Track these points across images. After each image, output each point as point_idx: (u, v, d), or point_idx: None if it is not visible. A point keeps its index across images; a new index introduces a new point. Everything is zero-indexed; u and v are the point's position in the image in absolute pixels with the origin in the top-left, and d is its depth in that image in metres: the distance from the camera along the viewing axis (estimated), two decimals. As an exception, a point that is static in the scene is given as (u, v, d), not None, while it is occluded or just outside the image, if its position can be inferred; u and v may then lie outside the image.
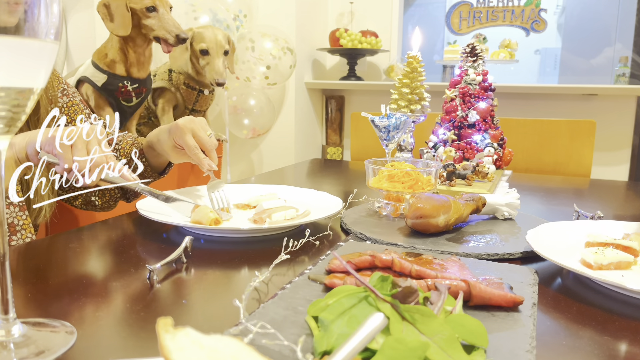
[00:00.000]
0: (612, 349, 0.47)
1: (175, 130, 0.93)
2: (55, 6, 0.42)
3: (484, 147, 1.23)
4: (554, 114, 2.83)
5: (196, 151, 0.92)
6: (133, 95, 1.70)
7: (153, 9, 1.64)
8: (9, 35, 0.40)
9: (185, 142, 0.92)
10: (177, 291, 0.59)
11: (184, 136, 0.92)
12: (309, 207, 0.91)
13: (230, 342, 0.32)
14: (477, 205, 0.87)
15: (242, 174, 3.29)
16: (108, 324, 0.50)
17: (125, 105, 1.70)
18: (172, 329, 0.31)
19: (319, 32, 3.30)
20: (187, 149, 0.93)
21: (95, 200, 1.07)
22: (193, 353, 0.30)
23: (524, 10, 2.97)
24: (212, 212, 0.81)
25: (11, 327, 0.45)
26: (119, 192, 1.09)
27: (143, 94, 1.74)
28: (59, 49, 0.44)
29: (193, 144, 0.92)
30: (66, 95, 1.05)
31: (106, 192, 1.07)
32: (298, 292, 0.55)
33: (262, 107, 2.84)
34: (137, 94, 1.71)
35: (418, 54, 1.18)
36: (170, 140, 0.95)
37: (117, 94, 1.66)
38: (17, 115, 0.43)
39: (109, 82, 1.64)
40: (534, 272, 0.63)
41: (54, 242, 0.79)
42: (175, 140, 0.94)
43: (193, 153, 0.92)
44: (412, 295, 0.44)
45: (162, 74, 2.00)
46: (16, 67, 0.41)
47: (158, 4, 1.64)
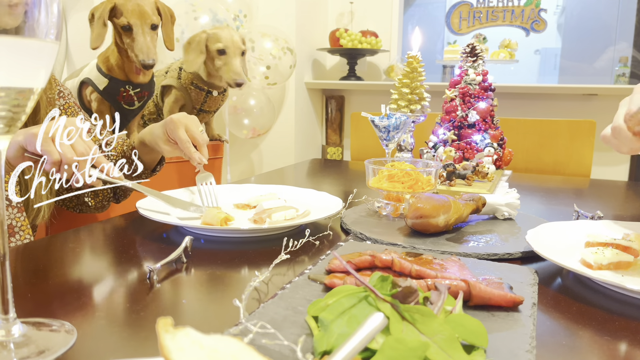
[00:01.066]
0: (612, 349, 0.47)
1: (170, 124, 0.97)
2: (55, 6, 0.42)
3: (484, 147, 1.23)
4: (554, 114, 2.83)
5: (188, 145, 0.95)
6: (135, 99, 1.69)
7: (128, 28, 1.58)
8: (9, 36, 0.40)
9: (178, 136, 0.95)
10: (177, 291, 0.59)
11: (177, 130, 0.96)
12: (309, 207, 0.91)
13: (230, 342, 0.32)
14: (477, 205, 0.87)
15: (242, 174, 3.29)
16: (108, 324, 0.50)
17: (127, 108, 1.70)
18: (172, 328, 0.31)
19: (319, 32, 3.30)
20: (179, 142, 0.96)
21: (88, 201, 1.08)
22: (193, 353, 0.30)
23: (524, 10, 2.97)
24: (221, 212, 0.82)
25: (11, 327, 0.45)
26: (111, 192, 1.10)
27: (145, 97, 1.73)
28: (59, 49, 0.44)
29: (185, 137, 0.95)
30: (62, 97, 1.06)
31: (99, 192, 1.08)
32: (298, 292, 0.55)
33: (262, 107, 2.84)
34: (139, 97, 1.70)
35: (418, 54, 1.18)
36: (164, 135, 0.98)
37: (119, 98, 1.66)
38: (17, 116, 0.43)
39: (110, 87, 1.64)
40: (534, 272, 0.63)
41: (54, 242, 0.79)
42: (168, 134, 0.98)
43: (185, 146, 0.95)
44: (412, 295, 0.44)
45: (173, 71, 1.98)
46: (16, 67, 0.41)
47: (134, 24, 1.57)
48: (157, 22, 1.63)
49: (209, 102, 2.00)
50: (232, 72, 1.88)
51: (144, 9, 1.59)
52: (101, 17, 1.56)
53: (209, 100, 2.00)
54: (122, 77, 1.65)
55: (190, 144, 0.96)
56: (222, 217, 0.81)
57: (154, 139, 1.01)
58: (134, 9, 1.58)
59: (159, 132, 0.99)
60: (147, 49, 1.57)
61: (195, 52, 1.88)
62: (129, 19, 1.57)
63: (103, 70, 1.64)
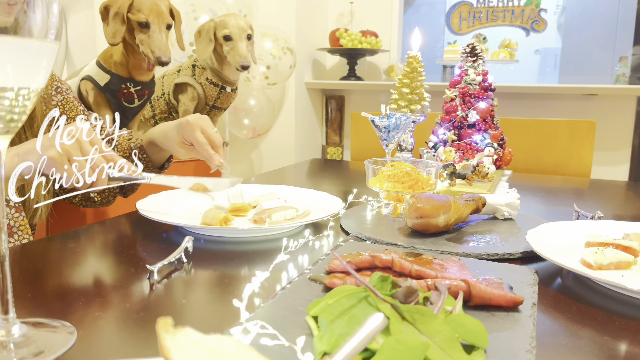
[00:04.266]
0: (612, 349, 0.47)
1: (186, 127, 0.95)
2: (55, 6, 0.42)
3: (484, 147, 1.23)
4: (554, 114, 2.83)
5: (206, 147, 0.94)
6: (135, 97, 1.69)
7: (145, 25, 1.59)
8: (8, 35, 0.40)
9: (196, 139, 0.94)
10: (177, 291, 0.59)
11: (194, 132, 0.94)
12: (309, 207, 0.91)
13: (230, 342, 0.32)
14: (477, 205, 0.87)
15: (242, 174, 3.29)
16: (108, 324, 0.50)
17: (126, 106, 1.70)
18: (172, 328, 0.31)
19: (319, 32, 3.30)
20: (197, 145, 0.94)
21: (94, 196, 1.07)
22: (193, 353, 0.30)
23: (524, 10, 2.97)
24: (221, 211, 0.82)
25: (11, 327, 0.45)
26: (117, 187, 1.09)
27: (145, 96, 1.73)
28: (59, 48, 0.44)
29: (203, 140, 0.94)
30: (60, 92, 1.05)
31: (105, 188, 1.07)
32: (298, 292, 0.55)
33: (262, 107, 2.84)
34: (139, 96, 1.70)
35: (418, 54, 1.18)
36: (178, 137, 0.97)
37: (119, 94, 1.66)
38: (17, 116, 0.43)
39: (112, 83, 1.64)
40: (534, 272, 0.63)
41: (53, 242, 0.79)
42: (184, 137, 0.96)
43: (204, 149, 0.94)
44: (412, 295, 0.44)
45: (186, 69, 1.98)
46: (16, 67, 0.41)
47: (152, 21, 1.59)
48: (171, 22, 1.66)
49: (222, 98, 2.00)
50: (238, 55, 1.88)
51: (161, 8, 1.62)
52: (119, 12, 1.56)
53: (222, 97, 2.00)
54: (125, 74, 1.65)
55: (208, 146, 0.94)
56: (222, 217, 0.81)
57: (167, 142, 0.99)
58: (152, 7, 1.60)
59: (173, 134, 0.97)
60: (164, 47, 1.59)
61: (205, 41, 1.90)
62: (148, 16, 1.58)
63: (105, 66, 1.65)
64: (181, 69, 2.00)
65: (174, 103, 2.00)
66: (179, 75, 1.98)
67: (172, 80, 1.98)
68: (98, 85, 1.63)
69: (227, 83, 1.99)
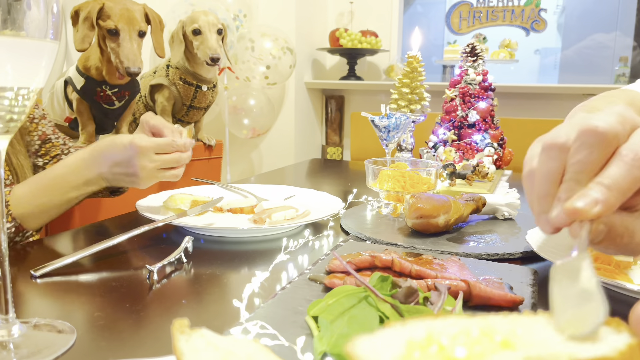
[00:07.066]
0: (612, 349, 0.47)
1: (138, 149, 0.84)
2: (54, 6, 0.42)
3: (484, 147, 1.23)
4: (554, 114, 2.83)
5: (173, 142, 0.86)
6: (114, 99, 1.65)
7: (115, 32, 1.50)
8: (8, 36, 0.40)
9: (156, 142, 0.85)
10: (177, 291, 0.59)
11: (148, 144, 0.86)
12: (309, 207, 0.91)
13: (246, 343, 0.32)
14: (477, 205, 0.86)
15: (242, 174, 3.29)
16: (108, 324, 0.50)
17: (107, 108, 1.67)
18: (188, 330, 0.31)
19: (319, 32, 3.30)
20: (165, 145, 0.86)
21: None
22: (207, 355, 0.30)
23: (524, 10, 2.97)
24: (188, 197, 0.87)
25: (11, 327, 0.45)
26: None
27: (126, 97, 1.68)
28: (58, 48, 0.44)
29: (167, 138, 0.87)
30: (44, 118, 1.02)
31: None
32: (298, 292, 0.55)
33: (262, 107, 2.84)
34: (118, 97, 1.65)
35: (418, 54, 1.18)
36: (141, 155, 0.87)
37: (97, 98, 1.62)
38: (16, 115, 0.43)
39: (86, 86, 1.60)
40: (534, 272, 0.63)
41: (53, 242, 0.79)
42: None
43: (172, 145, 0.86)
44: (412, 295, 0.44)
45: (161, 70, 1.98)
46: (16, 67, 0.41)
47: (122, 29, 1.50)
48: (145, 29, 1.56)
49: (198, 97, 1.97)
50: (207, 48, 1.83)
51: (133, 15, 1.52)
52: (88, 18, 1.48)
53: (199, 96, 1.97)
54: (99, 77, 1.61)
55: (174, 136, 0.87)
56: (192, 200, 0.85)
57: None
58: (122, 14, 1.50)
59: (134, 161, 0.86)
60: (133, 56, 1.50)
61: (176, 43, 1.88)
62: (117, 23, 1.49)
63: (81, 69, 1.61)
64: (157, 69, 1.99)
65: (151, 105, 1.99)
66: (154, 77, 1.97)
67: (147, 82, 1.97)
68: (76, 89, 1.62)
69: (202, 82, 1.95)
